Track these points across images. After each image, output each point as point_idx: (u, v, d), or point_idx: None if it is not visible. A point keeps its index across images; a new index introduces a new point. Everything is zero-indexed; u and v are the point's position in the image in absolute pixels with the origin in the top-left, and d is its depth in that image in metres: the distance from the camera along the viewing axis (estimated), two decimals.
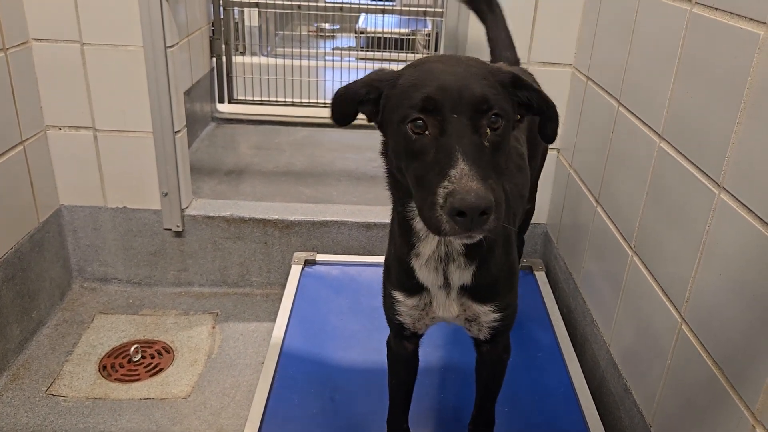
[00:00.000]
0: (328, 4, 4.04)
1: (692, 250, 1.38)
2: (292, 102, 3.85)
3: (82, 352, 2.17)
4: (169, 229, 2.46)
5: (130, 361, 2.14)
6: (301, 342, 2.04)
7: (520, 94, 1.14)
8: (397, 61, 4.39)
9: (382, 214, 2.52)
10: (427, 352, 1.94)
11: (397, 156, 1.10)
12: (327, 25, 5.87)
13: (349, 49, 5.19)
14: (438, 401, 1.82)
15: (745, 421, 1.17)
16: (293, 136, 3.64)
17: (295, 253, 2.47)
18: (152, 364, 2.14)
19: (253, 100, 3.86)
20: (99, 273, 2.52)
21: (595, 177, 2.02)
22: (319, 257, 2.46)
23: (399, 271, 1.32)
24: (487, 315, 1.32)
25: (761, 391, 1.12)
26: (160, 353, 2.19)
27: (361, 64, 4.05)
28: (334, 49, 5.20)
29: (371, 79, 1.14)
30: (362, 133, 3.71)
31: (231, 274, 2.56)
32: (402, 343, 1.47)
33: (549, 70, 2.26)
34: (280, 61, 3.84)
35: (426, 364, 1.70)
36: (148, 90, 2.21)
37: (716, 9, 1.33)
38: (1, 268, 2.03)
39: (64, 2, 2.11)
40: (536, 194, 2.08)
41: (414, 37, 5.32)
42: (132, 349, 2.16)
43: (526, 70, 1.87)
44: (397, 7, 4.55)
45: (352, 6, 3.76)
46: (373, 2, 4.60)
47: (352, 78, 1.17)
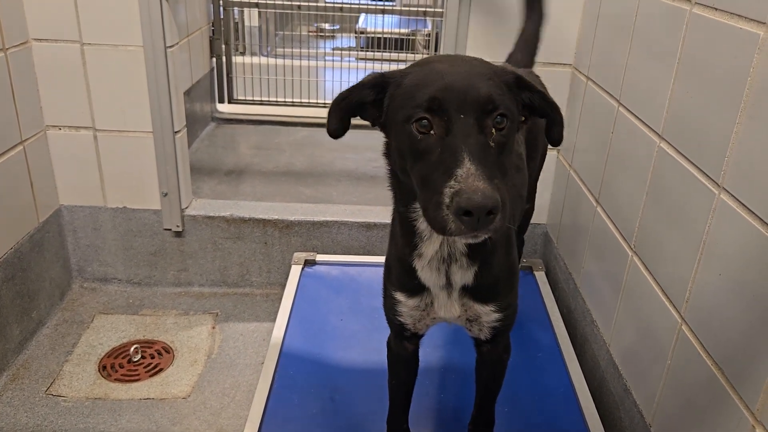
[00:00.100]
0: (328, 5, 4.04)
1: (692, 251, 1.38)
2: (292, 102, 3.85)
3: (81, 352, 2.17)
4: (169, 229, 2.46)
5: (130, 361, 2.14)
6: (301, 342, 2.04)
7: (524, 95, 1.14)
8: (397, 61, 4.39)
9: (382, 214, 2.52)
10: (427, 352, 1.94)
11: (401, 156, 1.09)
12: (327, 26, 5.88)
13: (349, 49, 5.19)
14: (438, 401, 1.82)
15: (745, 422, 1.17)
16: (293, 136, 3.64)
17: (295, 253, 2.47)
18: (152, 364, 2.13)
19: (253, 100, 3.86)
20: (99, 273, 2.52)
21: (595, 177, 2.02)
22: (319, 257, 2.46)
23: (400, 272, 1.32)
24: (489, 315, 1.32)
25: (761, 391, 1.12)
26: (159, 353, 2.19)
27: (361, 65, 4.05)
28: (334, 50, 5.21)
29: (374, 79, 1.13)
30: (362, 133, 3.68)
31: (231, 274, 2.56)
32: (402, 344, 1.47)
33: (549, 70, 2.25)
34: (280, 62, 3.84)
35: (426, 364, 1.69)
36: (148, 90, 2.21)
37: (716, 9, 1.33)
38: (0, 268, 2.03)
39: (64, 2, 2.11)
40: (535, 194, 2.08)
41: (414, 38, 5.32)
42: (132, 349, 2.16)
43: (532, 72, 1.86)
44: (397, 8, 4.56)
45: (352, 6, 3.76)
46: (373, 2, 4.60)
47: (352, 78, 1.16)
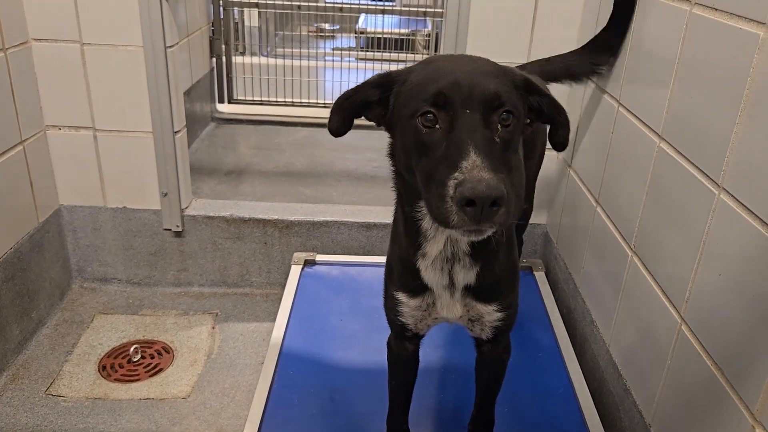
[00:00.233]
0: (328, 5, 4.04)
1: (692, 251, 1.38)
2: (292, 102, 3.85)
3: (81, 352, 2.17)
4: (169, 229, 2.46)
5: (129, 362, 2.14)
6: (301, 342, 2.04)
7: (532, 98, 1.14)
8: (397, 61, 4.39)
9: (382, 214, 2.52)
10: (427, 352, 1.94)
11: (406, 152, 1.09)
12: (327, 26, 5.88)
13: (349, 49, 5.19)
14: (438, 401, 1.82)
15: (744, 422, 1.17)
16: (293, 137, 3.64)
17: (295, 253, 2.47)
18: (152, 365, 2.13)
19: (253, 101, 3.86)
20: (99, 273, 2.52)
21: (594, 177, 2.02)
22: (319, 257, 2.46)
23: (402, 272, 1.32)
24: (491, 314, 1.32)
25: (761, 391, 1.12)
26: (159, 353, 2.19)
27: (361, 65, 4.05)
28: (334, 50, 5.20)
29: (380, 78, 1.13)
30: (362, 134, 3.70)
31: (231, 275, 2.56)
32: (403, 344, 1.47)
33: None
34: (280, 62, 3.84)
35: (426, 365, 1.69)
36: (148, 90, 2.21)
37: (716, 9, 1.33)
38: (0, 268, 2.03)
39: (64, 2, 2.11)
40: (534, 194, 2.08)
41: (414, 38, 5.32)
42: (132, 349, 2.16)
43: (537, 78, 1.86)
44: (397, 8, 4.56)
45: (352, 6, 3.76)
46: (373, 2, 4.60)
47: (352, 78, 1.16)
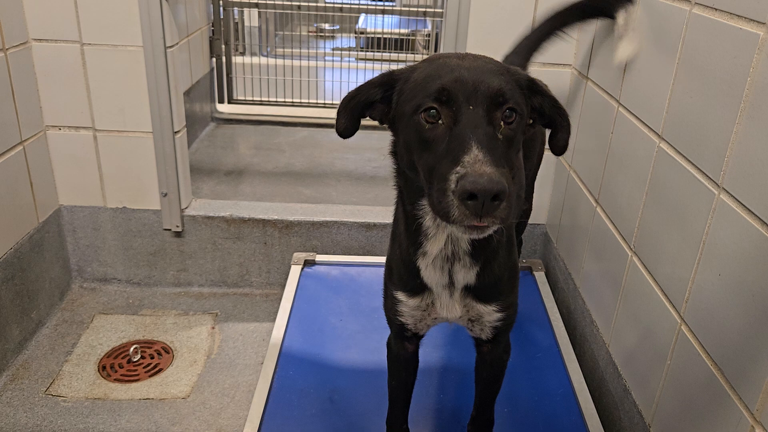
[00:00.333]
0: (327, 5, 4.04)
1: (692, 251, 1.38)
2: (292, 102, 3.85)
3: (81, 352, 2.17)
4: (169, 230, 2.46)
5: (129, 362, 2.14)
6: (301, 342, 2.04)
7: (534, 99, 1.13)
8: (397, 61, 4.39)
9: (382, 214, 2.52)
10: (427, 353, 1.94)
11: (409, 149, 1.09)
12: (327, 26, 5.88)
13: (349, 49, 5.19)
14: (438, 401, 1.82)
15: (744, 422, 1.17)
16: (293, 137, 3.64)
17: (295, 254, 2.47)
18: (152, 365, 2.13)
19: (252, 101, 3.86)
20: (98, 273, 2.52)
21: (594, 177, 2.02)
22: (319, 257, 2.46)
23: (402, 271, 1.32)
24: (491, 315, 1.32)
25: (760, 391, 1.12)
26: (159, 353, 2.19)
27: (361, 65, 4.05)
28: (333, 50, 5.21)
29: (383, 77, 1.13)
30: (362, 134, 3.69)
31: (230, 275, 2.56)
32: (403, 344, 1.46)
33: (549, 71, 2.26)
34: (279, 62, 3.84)
35: (426, 365, 1.69)
36: (148, 90, 2.21)
37: (716, 9, 1.33)
38: (0, 268, 2.03)
39: (64, 2, 2.11)
40: (533, 194, 2.08)
41: (414, 38, 5.32)
42: (131, 349, 2.16)
43: (540, 81, 1.85)
44: (397, 8, 4.56)
45: (352, 6, 3.76)
46: (373, 3, 4.60)
47: (352, 78, 1.16)
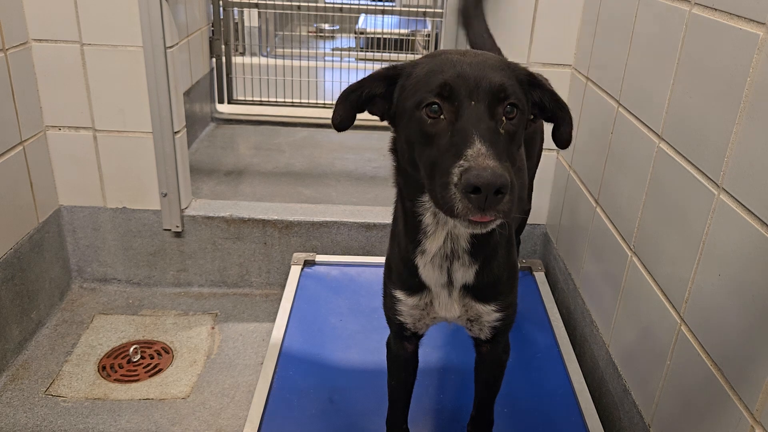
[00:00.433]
0: (327, 5, 4.05)
1: (691, 251, 1.38)
2: (292, 102, 3.85)
3: (81, 352, 2.17)
4: (169, 230, 2.46)
5: (129, 362, 2.14)
6: (301, 343, 2.04)
7: (535, 93, 1.14)
8: (397, 62, 4.39)
9: (382, 214, 2.52)
10: (427, 353, 1.94)
11: (410, 144, 1.09)
12: (327, 26, 5.88)
13: (349, 49, 5.19)
14: (437, 401, 1.82)
15: (744, 422, 1.17)
16: (293, 137, 3.64)
17: (295, 254, 2.47)
18: (151, 365, 2.13)
19: (252, 101, 3.86)
20: (98, 273, 2.52)
21: (594, 178, 2.02)
22: (319, 258, 2.46)
23: (401, 270, 1.32)
24: (489, 315, 1.32)
25: (760, 391, 1.12)
26: (159, 354, 2.19)
27: (361, 65, 4.05)
28: (333, 50, 5.21)
29: (385, 71, 1.13)
30: (362, 135, 3.72)
31: (230, 275, 2.56)
32: (402, 344, 1.46)
33: (549, 71, 2.25)
34: (279, 62, 3.84)
35: (426, 365, 1.69)
36: (148, 90, 2.21)
37: (715, 9, 1.33)
38: (0, 268, 2.03)
39: (64, 2, 2.11)
40: (532, 194, 2.08)
41: (413, 38, 5.32)
42: (131, 349, 2.16)
43: (541, 75, 1.85)
44: (397, 8, 4.56)
45: (352, 6, 3.76)
46: (373, 3, 4.60)
47: (352, 78, 1.15)
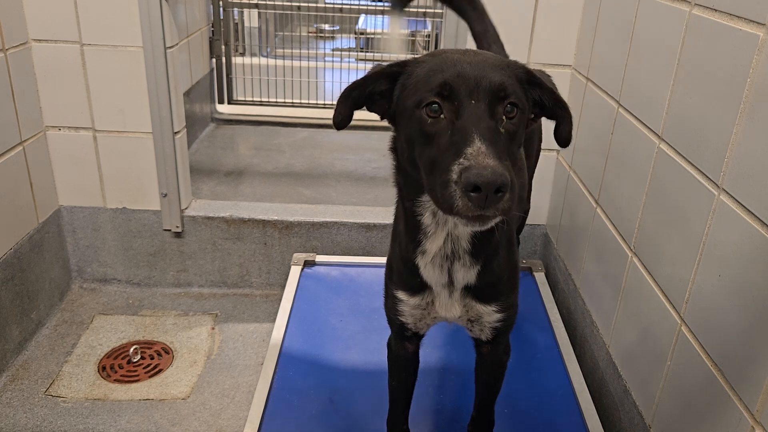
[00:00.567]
0: (327, 5, 4.05)
1: (692, 252, 1.38)
2: (292, 103, 3.85)
3: (81, 352, 2.17)
4: (169, 230, 2.46)
5: (129, 362, 2.13)
6: (301, 343, 2.04)
7: (534, 92, 1.14)
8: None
9: (382, 215, 2.52)
10: (427, 353, 1.94)
11: (410, 143, 1.09)
12: (327, 26, 5.88)
13: (349, 50, 5.18)
14: (438, 402, 1.82)
15: (744, 422, 1.17)
16: (293, 137, 3.64)
17: (295, 254, 2.47)
18: (152, 365, 2.13)
19: (252, 101, 3.86)
20: (98, 274, 2.52)
21: (594, 178, 2.02)
22: (319, 258, 2.46)
23: (402, 270, 1.32)
24: (490, 315, 1.32)
25: (760, 392, 1.12)
26: (159, 354, 2.19)
27: (361, 65, 4.05)
28: (333, 50, 5.20)
29: (387, 68, 1.13)
30: (362, 135, 3.72)
31: (230, 275, 2.56)
32: (403, 344, 1.46)
33: (549, 72, 2.24)
34: (279, 62, 3.84)
35: (426, 365, 1.69)
36: (148, 91, 2.21)
37: (716, 10, 1.33)
38: (0, 268, 2.03)
39: (64, 3, 2.11)
40: (531, 194, 2.07)
41: (414, 38, 5.32)
42: (131, 349, 2.16)
43: (544, 72, 1.85)
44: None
45: (352, 7, 3.77)
46: (373, 3, 4.60)
47: (352, 79, 1.15)
